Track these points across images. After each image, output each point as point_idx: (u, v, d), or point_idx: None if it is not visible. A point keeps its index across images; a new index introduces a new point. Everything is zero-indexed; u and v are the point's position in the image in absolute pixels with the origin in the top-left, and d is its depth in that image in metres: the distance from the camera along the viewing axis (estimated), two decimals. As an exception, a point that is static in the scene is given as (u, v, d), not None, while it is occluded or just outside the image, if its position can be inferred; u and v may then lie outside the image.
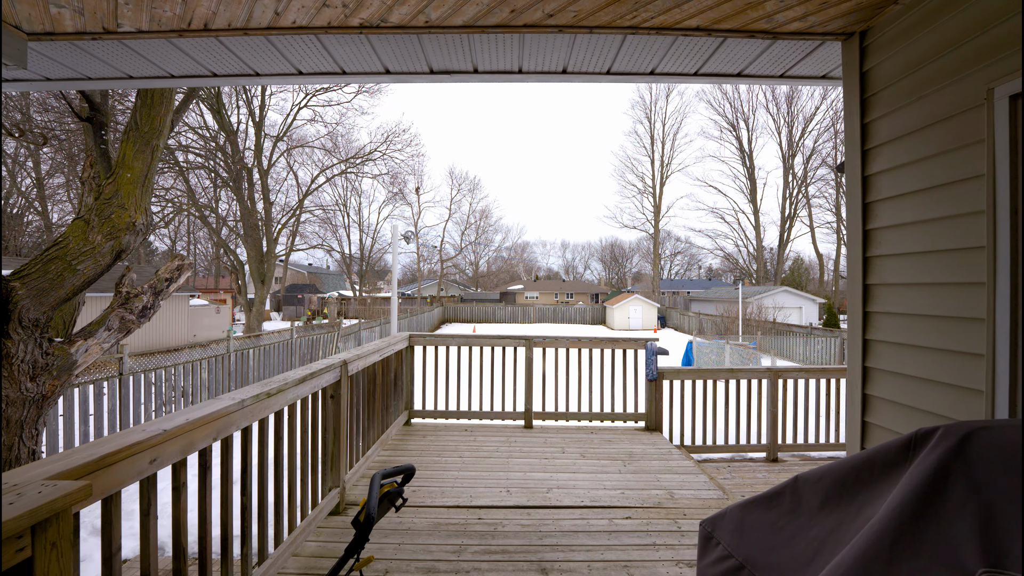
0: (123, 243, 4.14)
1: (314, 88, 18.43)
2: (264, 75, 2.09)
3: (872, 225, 1.67)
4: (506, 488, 3.41)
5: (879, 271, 1.64)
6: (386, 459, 3.97)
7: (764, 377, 5.03)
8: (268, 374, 10.76)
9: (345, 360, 3.07)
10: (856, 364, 1.74)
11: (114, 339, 4.37)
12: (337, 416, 3.00)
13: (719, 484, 3.67)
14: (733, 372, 5.02)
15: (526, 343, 4.96)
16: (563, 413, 4.96)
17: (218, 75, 2.09)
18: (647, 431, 4.92)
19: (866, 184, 1.70)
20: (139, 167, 4.31)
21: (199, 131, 17.08)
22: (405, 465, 1.55)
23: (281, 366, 11.23)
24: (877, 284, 1.65)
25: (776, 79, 2.15)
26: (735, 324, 21.82)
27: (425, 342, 5.01)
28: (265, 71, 2.06)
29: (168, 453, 1.53)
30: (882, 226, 1.63)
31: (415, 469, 1.57)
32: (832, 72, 2.12)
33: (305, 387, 2.54)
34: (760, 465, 4.85)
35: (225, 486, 1.90)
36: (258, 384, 2.21)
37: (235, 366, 9.47)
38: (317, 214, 23.69)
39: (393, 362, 4.58)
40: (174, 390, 7.62)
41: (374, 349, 3.77)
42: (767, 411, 4.98)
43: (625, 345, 5.04)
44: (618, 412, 5.00)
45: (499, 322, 36.71)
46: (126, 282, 4.44)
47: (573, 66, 2.01)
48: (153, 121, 4.37)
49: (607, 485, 3.50)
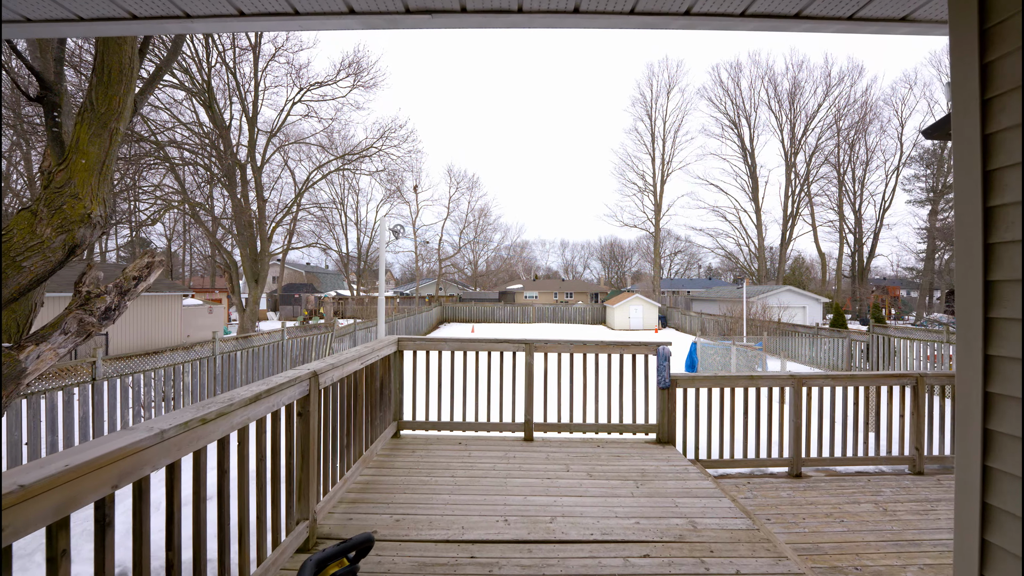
0: (77, 237, 3.70)
1: (308, 82, 17.98)
2: (197, 17, 1.65)
3: (997, 201, 1.23)
4: (503, 516, 2.98)
5: (1007, 263, 1.20)
6: (369, 479, 3.53)
7: (787, 384, 4.59)
8: (258, 376, 10.32)
9: (316, 371, 2.63)
10: (972, 390, 1.29)
11: (71, 343, 3.91)
12: (306, 437, 2.57)
13: (745, 510, 3.24)
14: (753, 379, 4.58)
15: (526, 347, 4.53)
16: (567, 424, 4.52)
17: (138, 17, 1.66)
18: (659, 444, 4.48)
19: (987, 146, 1.26)
20: (95, 152, 3.87)
21: (191, 127, 16.62)
22: (359, 538, 1.11)
23: (271, 368, 10.79)
24: (1004, 281, 1.21)
25: (895, 23, 1.68)
26: (739, 324, 21.40)
27: (415, 347, 4.57)
28: (198, 12, 1.62)
29: (29, 518, 1.10)
30: (1011, 201, 1.19)
31: (373, 541, 1.13)
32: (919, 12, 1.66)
33: (260, 406, 2.10)
34: (783, 481, 4.42)
35: (139, 543, 1.47)
36: (193, 407, 1.78)
37: (222, 369, 9.03)
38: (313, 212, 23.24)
39: (379, 369, 4.15)
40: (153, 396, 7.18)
41: (354, 356, 3.33)
42: (790, 422, 4.55)
43: (634, 350, 4.60)
44: (627, 423, 4.57)
45: (498, 322, 36.27)
46: (87, 280, 3.99)
47: (587, 3, 1.57)
48: (111, 101, 3.92)
49: (619, 512, 3.06)
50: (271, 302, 40.02)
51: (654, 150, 43.82)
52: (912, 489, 4.27)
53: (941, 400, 4.78)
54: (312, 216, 27.07)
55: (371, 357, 3.73)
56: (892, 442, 4.77)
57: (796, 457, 4.53)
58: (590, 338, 5.07)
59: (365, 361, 3.57)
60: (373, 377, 3.94)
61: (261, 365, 10.39)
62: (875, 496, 4.11)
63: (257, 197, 18.29)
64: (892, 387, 4.72)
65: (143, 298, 19.43)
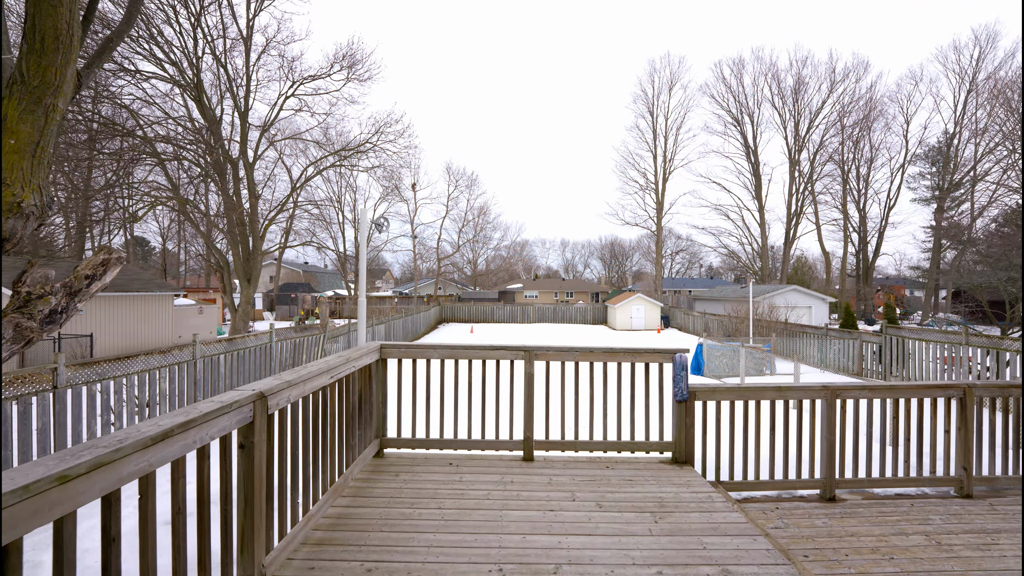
0: (6, 229, 3.19)
1: (300, 76, 17.41)
2: None
3: None
4: (498, 565, 2.46)
5: None
6: (341, 512, 3.02)
7: (819, 396, 4.08)
8: (243, 381, 9.81)
9: (262, 392, 2.12)
10: None
11: (7, 352, 3.39)
12: (249, 474, 2.05)
13: (786, 552, 2.73)
14: (781, 391, 4.07)
15: (525, 355, 4.01)
16: (571, 442, 4.01)
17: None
18: (676, 464, 3.97)
19: None
20: (27, 132, 3.34)
21: (180, 121, 16.08)
22: None
23: (258, 372, 10.26)
24: None
25: None
26: (744, 324, 20.87)
27: (400, 354, 4.05)
28: None
29: None
30: None
31: None
32: None
33: (174, 445, 1.59)
34: (816, 507, 3.90)
35: None
36: (55, 457, 1.26)
37: (203, 374, 8.52)
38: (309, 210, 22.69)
39: (357, 381, 3.64)
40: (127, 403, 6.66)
41: (321, 369, 2.82)
42: (823, 438, 4.03)
43: (647, 357, 4.08)
44: (639, 440, 4.05)
45: (498, 322, 35.75)
46: (28, 280, 3.46)
47: None
48: (45, 73, 3.39)
49: (636, 558, 2.55)
50: (267, 302, 39.50)
51: (656, 147, 43.27)
52: (964, 516, 3.76)
53: (991, 414, 4.27)
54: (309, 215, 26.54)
55: (344, 369, 3.21)
56: (936, 461, 4.25)
57: (830, 478, 4.01)
58: (597, 344, 4.54)
59: (337, 374, 3.05)
60: (348, 391, 3.42)
61: (247, 369, 9.87)
62: (924, 526, 3.59)
63: (249, 194, 17.75)
64: (936, 399, 4.21)
65: (132, 298, 18.91)
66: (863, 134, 41.02)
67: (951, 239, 37.36)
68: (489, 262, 56.97)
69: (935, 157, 40.38)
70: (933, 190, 40.40)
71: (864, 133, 40.99)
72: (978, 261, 30.38)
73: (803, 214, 43.08)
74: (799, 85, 42.33)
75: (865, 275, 42.45)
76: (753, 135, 44.25)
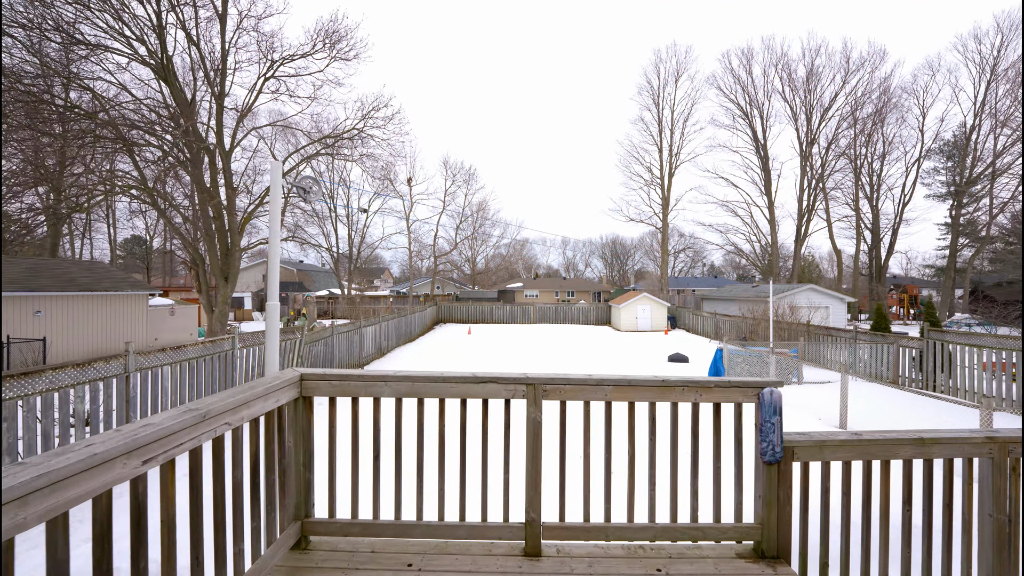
0: None
1: (281, 56, 15.95)
2: None
3: None
4: None
5: None
6: None
7: (978, 453, 2.64)
8: (194, 396, 8.35)
9: None
10: None
11: None
12: None
13: None
14: (924, 444, 2.63)
15: (529, 391, 2.56)
16: (600, 527, 2.57)
17: None
18: (762, 562, 2.53)
19: None
20: None
21: (145, 102, 14.62)
22: None
23: (213, 386, 8.78)
24: None
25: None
26: (760, 326, 19.42)
27: (333, 390, 2.60)
28: None
29: None
30: None
31: None
32: None
33: None
34: (989, 633, 2.47)
35: None
36: None
37: (138, 389, 7.08)
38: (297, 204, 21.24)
39: (263, 433, 2.21)
40: (22, 433, 5.18)
41: (175, 427, 1.38)
42: (991, 520, 2.60)
43: (718, 395, 2.63)
44: (705, 524, 2.61)
45: (497, 322, 34.30)
46: None
47: None
48: None
49: None
50: (256, 301, 38.06)
51: (661, 141, 41.76)
52: None
53: None
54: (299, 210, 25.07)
55: (216, 423, 1.77)
56: None
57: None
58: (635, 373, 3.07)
59: (212, 432, 1.61)
60: (227, 460, 1.98)
61: (200, 382, 8.39)
62: None
63: (226, 185, 16.29)
64: None
65: (100, 297, 17.47)
66: (876, 127, 39.51)
67: (969, 236, 35.89)
68: (488, 261, 55.52)
69: (951, 151, 38.89)
70: (949, 185, 38.92)
71: (878, 126, 39.48)
72: (996, 259, 28.90)
73: (815, 211, 41.61)
74: (811, 75, 40.80)
75: (878, 274, 40.98)
76: (762, 128, 42.75)
